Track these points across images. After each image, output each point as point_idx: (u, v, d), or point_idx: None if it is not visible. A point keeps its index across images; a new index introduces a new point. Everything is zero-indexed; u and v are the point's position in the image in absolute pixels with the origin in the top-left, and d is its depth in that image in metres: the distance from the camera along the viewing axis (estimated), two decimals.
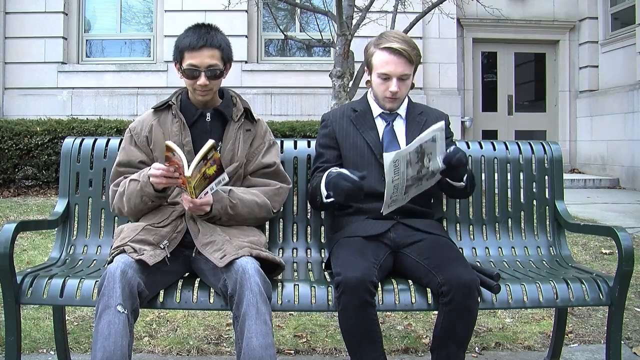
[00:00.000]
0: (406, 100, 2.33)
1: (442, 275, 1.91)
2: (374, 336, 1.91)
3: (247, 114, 2.22)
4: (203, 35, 2.07)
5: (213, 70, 2.08)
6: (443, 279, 1.90)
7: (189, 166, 1.85)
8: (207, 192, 1.94)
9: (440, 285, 1.90)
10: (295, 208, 2.50)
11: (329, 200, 2.07)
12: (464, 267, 1.94)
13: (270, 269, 2.00)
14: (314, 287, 1.98)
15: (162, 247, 1.96)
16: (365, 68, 2.32)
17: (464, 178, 2.14)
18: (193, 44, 2.06)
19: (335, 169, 2.08)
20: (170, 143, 1.89)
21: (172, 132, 2.14)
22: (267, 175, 2.21)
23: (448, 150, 2.02)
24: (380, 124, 2.29)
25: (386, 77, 2.20)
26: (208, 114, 2.17)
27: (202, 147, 1.87)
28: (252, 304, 1.77)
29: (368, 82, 2.31)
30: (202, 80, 2.07)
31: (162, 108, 2.20)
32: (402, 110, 2.31)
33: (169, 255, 1.95)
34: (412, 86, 2.28)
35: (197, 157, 1.85)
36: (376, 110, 2.31)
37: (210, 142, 1.87)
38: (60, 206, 2.42)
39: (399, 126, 2.30)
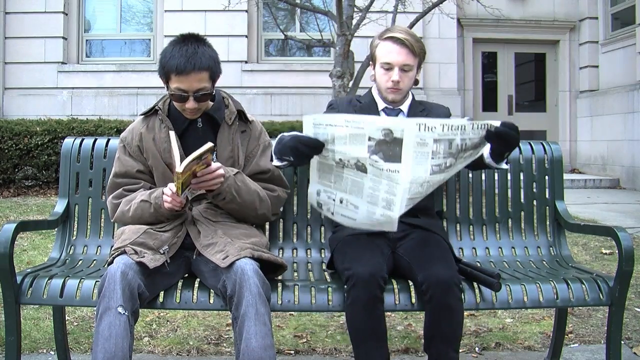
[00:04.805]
0: (410, 97, 2.33)
1: (422, 273, 1.91)
2: (381, 332, 1.90)
3: (241, 115, 2.20)
4: (190, 57, 1.95)
5: (202, 92, 2.02)
6: (422, 277, 1.90)
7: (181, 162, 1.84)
8: (186, 195, 1.94)
9: (420, 284, 1.90)
10: (295, 208, 2.50)
11: (278, 163, 2.05)
12: (443, 265, 1.92)
13: (272, 269, 2.00)
14: (314, 287, 1.98)
15: (162, 252, 1.95)
16: (370, 62, 2.32)
17: (506, 155, 1.99)
18: (180, 67, 1.95)
19: (288, 134, 2.01)
20: (178, 169, 1.82)
21: (160, 138, 2.12)
22: (263, 180, 2.18)
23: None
24: None
25: (388, 67, 2.20)
26: (199, 120, 2.12)
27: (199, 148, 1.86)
28: (252, 305, 1.76)
29: (372, 76, 2.31)
30: (191, 103, 2.02)
31: (150, 114, 2.17)
32: (405, 107, 2.31)
33: (168, 261, 1.94)
34: (417, 82, 2.28)
35: (193, 155, 1.83)
36: (380, 104, 2.31)
37: (209, 144, 1.86)
38: (60, 206, 2.42)
39: None
